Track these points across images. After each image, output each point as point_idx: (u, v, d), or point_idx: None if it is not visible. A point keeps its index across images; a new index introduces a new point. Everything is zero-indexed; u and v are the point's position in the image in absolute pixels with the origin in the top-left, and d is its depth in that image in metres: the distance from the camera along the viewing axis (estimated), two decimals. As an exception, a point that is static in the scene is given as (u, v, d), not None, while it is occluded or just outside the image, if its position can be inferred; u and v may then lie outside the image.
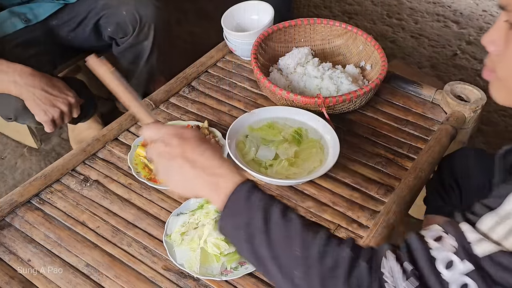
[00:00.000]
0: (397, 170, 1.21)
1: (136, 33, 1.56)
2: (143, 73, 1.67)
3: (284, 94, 1.24)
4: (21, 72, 1.28)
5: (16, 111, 1.40)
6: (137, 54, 1.63)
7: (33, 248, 1.03)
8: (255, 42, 1.39)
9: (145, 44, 1.59)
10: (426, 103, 1.39)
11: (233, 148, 1.17)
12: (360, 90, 1.25)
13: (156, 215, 1.10)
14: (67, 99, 1.35)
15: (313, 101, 1.23)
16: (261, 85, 1.32)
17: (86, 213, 1.10)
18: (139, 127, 1.31)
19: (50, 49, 1.56)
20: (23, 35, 1.48)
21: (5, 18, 1.45)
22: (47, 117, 1.34)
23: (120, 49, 1.62)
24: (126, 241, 1.05)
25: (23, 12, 1.49)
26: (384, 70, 1.32)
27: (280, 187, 1.16)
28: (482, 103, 1.32)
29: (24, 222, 1.08)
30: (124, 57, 1.65)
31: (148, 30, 1.56)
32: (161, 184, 1.14)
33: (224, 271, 0.97)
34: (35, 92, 1.30)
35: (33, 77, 1.29)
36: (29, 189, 1.13)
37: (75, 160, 1.20)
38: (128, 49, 1.61)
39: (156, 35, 1.58)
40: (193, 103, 1.39)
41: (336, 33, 1.49)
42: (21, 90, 1.29)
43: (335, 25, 1.47)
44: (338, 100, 1.23)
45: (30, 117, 1.40)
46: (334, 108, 1.27)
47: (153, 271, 1.00)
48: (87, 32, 1.60)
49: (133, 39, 1.57)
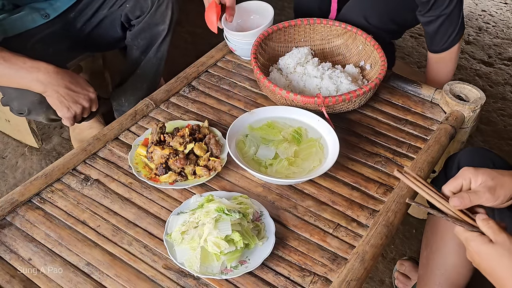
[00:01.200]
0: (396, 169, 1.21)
1: (154, 9, 1.53)
2: (151, 61, 1.64)
3: (284, 93, 1.24)
4: (45, 71, 1.28)
5: (31, 104, 1.40)
6: (151, 39, 1.60)
7: (34, 247, 1.03)
8: (255, 42, 1.39)
9: (161, 29, 1.57)
10: (426, 103, 1.39)
11: (233, 148, 1.18)
12: (360, 90, 1.25)
13: (157, 214, 1.10)
14: (88, 95, 1.36)
15: (313, 101, 1.23)
16: (261, 85, 1.32)
17: (86, 212, 1.10)
18: (139, 127, 1.31)
19: (65, 45, 1.56)
20: (43, 31, 1.48)
21: (26, 14, 1.46)
22: (70, 113, 1.35)
23: (134, 34, 1.59)
24: (126, 240, 1.05)
25: (42, 7, 1.50)
26: (383, 69, 1.32)
27: (280, 186, 1.16)
28: (481, 102, 1.32)
29: (24, 221, 1.08)
30: (136, 44, 1.62)
31: (166, 9, 1.54)
32: (162, 184, 1.14)
33: (224, 270, 0.97)
34: (59, 90, 1.31)
35: (57, 75, 1.29)
36: (30, 188, 1.13)
37: (75, 159, 1.20)
38: (142, 32, 1.58)
39: (172, 17, 1.56)
40: (193, 102, 1.39)
41: (335, 33, 1.49)
42: (45, 88, 1.30)
43: (334, 25, 1.47)
44: (337, 99, 1.23)
45: (44, 111, 1.41)
46: (333, 107, 1.27)
47: (154, 270, 1.00)
48: (101, 19, 1.59)
49: (150, 18, 1.55)
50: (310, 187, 1.16)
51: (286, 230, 1.07)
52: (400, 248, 1.64)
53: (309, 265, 1.01)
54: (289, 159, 1.17)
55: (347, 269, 0.99)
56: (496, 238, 0.81)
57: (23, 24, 1.45)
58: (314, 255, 1.03)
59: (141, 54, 1.63)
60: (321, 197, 1.14)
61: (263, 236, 1.03)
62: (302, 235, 1.07)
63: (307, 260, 1.02)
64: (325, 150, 1.20)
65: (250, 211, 1.04)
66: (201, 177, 1.16)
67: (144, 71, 1.66)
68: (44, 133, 1.98)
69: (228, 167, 1.19)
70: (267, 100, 1.39)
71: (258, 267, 0.99)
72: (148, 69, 1.66)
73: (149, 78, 1.68)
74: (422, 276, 1.28)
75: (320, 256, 1.02)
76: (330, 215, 1.10)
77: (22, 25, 1.44)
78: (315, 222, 1.09)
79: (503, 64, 2.43)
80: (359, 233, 1.07)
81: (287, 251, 1.03)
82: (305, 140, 1.22)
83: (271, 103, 1.36)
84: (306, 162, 1.18)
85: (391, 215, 1.08)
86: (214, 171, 1.17)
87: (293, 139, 1.22)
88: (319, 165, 1.16)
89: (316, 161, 1.17)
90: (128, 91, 1.70)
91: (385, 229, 1.06)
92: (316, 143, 1.21)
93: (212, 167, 1.17)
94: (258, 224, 1.04)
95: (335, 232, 1.07)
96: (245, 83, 1.45)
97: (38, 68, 1.28)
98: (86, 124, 1.78)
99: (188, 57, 2.30)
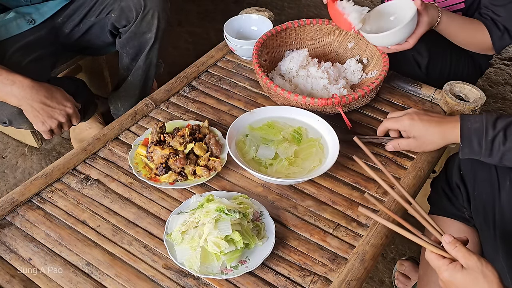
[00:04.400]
0: (396, 169, 1.21)
1: (140, 19, 1.53)
2: (141, 69, 1.65)
3: (300, 99, 1.23)
4: (20, 85, 1.28)
5: (11, 116, 1.40)
6: (139, 47, 1.60)
7: (34, 247, 1.03)
8: (254, 51, 1.36)
9: (148, 37, 1.57)
10: (426, 103, 1.39)
11: (233, 148, 1.18)
12: (372, 84, 1.25)
13: (157, 214, 1.10)
14: (65, 110, 1.36)
15: (330, 102, 1.22)
16: (272, 92, 1.30)
17: (86, 212, 1.10)
18: (139, 127, 1.31)
19: (52, 50, 1.55)
20: (27, 37, 1.47)
21: (11, 19, 1.45)
22: (45, 127, 1.35)
23: (122, 42, 1.60)
24: (126, 240, 1.05)
25: (28, 12, 1.49)
26: (386, 60, 1.32)
27: (280, 186, 1.16)
28: (481, 102, 1.32)
29: (25, 221, 1.08)
30: (125, 52, 1.62)
31: (152, 18, 1.54)
32: (162, 184, 1.14)
33: (224, 270, 0.97)
34: (33, 105, 1.31)
35: (31, 90, 1.29)
36: (30, 188, 1.13)
37: (75, 159, 1.20)
38: (130, 41, 1.58)
39: (159, 26, 1.56)
40: (193, 102, 1.39)
41: (325, 31, 1.49)
42: (19, 102, 1.30)
43: (324, 23, 1.47)
44: (354, 97, 1.23)
45: (25, 122, 1.40)
46: (349, 105, 1.27)
47: (154, 269, 1.00)
48: (91, 26, 1.59)
49: (136, 27, 1.55)
50: (310, 187, 1.16)
51: (286, 230, 1.07)
52: (400, 248, 1.64)
53: (309, 265, 1.01)
54: (289, 159, 1.17)
55: (347, 269, 0.99)
56: (467, 263, 0.80)
57: (7, 30, 1.44)
58: (314, 255, 1.03)
59: (131, 61, 1.64)
60: (321, 197, 1.14)
61: (263, 236, 1.03)
62: (302, 235, 1.06)
63: (307, 260, 1.02)
64: (325, 150, 1.20)
65: (250, 211, 1.04)
66: (201, 177, 1.16)
67: (135, 78, 1.67)
68: (44, 133, 1.98)
69: (228, 167, 1.19)
70: (267, 100, 1.39)
71: (258, 267, 0.99)
72: (138, 76, 1.67)
73: (140, 85, 1.69)
74: (422, 276, 1.28)
75: (320, 256, 1.02)
76: (330, 215, 1.10)
77: (6, 32, 1.44)
78: (315, 222, 1.09)
79: (503, 64, 2.43)
80: (359, 233, 1.07)
81: (287, 251, 1.03)
82: (305, 140, 1.22)
83: (271, 103, 1.36)
84: (306, 162, 1.18)
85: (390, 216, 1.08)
86: (214, 171, 1.17)
87: (293, 139, 1.22)
88: (319, 165, 1.16)
89: (316, 161, 1.17)
90: (122, 97, 1.71)
91: (385, 229, 1.06)
92: (316, 143, 1.21)
93: (212, 167, 1.17)
94: (258, 224, 1.04)
95: (335, 232, 1.07)
96: (245, 83, 1.45)
97: (13, 81, 1.28)
98: (85, 124, 1.78)
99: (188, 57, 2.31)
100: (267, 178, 1.12)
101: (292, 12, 2.76)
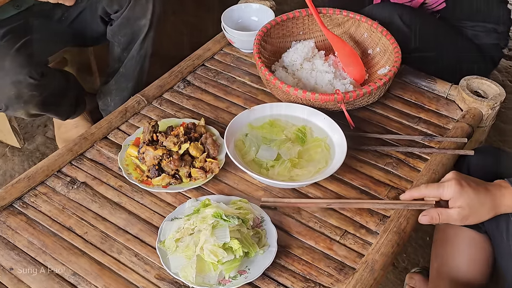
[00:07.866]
0: (408, 171, 1.21)
1: (133, 2, 1.53)
2: (135, 59, 1.64)
3: (300, 94, 1.23)
4: None
5: (8, 100, 1.40)
6: (132, 35, 1.60)
7: (16, 256, 1.03)
8: (256, 41, 1.36)
9: (142, 23, 1.57)
10: (440, 99, 1.39)
11: (232, 148, 1.18)
12: (379, 81, 1.24)
13: (149, 220, 1.10)
14: None
15: (333, 98, 1.22)
16: (271, 86, 1.30)
17: (73, 218, 1.10)
18: (129, 125, 1.31)
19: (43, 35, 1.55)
20: (14, 21, 1.49)
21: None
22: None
23: (114, 29, 1.59)
24: (116, 248, 1.05)
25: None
26: (398, 56, 1.31)
27: (282, 190, 1.16)
28: (501, 99, 1.32)
29: (5, 227, 1.08)
30: (117, 41, 1.62)
31: (146, 2, 1.53)
32: (154, 187, 1.14)
33: (222, 281, 0.97)
34: None
35: None
36: (11, 192, 1.13)
37: (61, 160, 1.20)
38: (123, 28, 1.58)
39: (154, 11, 1.55)
40: (188, 99, 1.39)
41: (336, 22, 1.48)
42: None
43: (335, 13, 1.46)
44: (358, 94, 1.22)
45: (22, 107, 1.41)
46: (354, 103, 1.27)
47: (146, 280, 1.00)
48: (81, 11, 1.59)
49: (129, 12, 1.54)
50: (315, 191, 1.16)
51: (289, 237, 1.07)
52: (413, 257, 1.64)
53: (314, 275, 1.01)
54: (292, 160, 1.17)
55: (355, 279, 0.99)
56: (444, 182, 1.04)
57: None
58: (320, 264, 1.03)
59: (123, 51, 1.63)
60: (327, 201, 1.14)
61: (264, 243, 1.03)
62: (306, 243, 1.07)
63: (312, 269, 1.02)
64: (332, 150, 1.20)
65: (250, 216, 1.05)
66: (197, 180, 1.16)
67: (128, 70, 1.66)
68: (26, 132, 1.98)
69: (226, 169, 1.19)
70: (268, 96, 1.39)
71: (259, 278, 0.99)
72: (131, 68, 1.66)
73: (133, 78, 1.68)
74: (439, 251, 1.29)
75: (326, 266, 1.03)
76: (337, 221, 1.10)
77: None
78: (321, 229, 1.09)
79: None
80: (368, 240, 1.07)
81: (290, 260, 1.03)
82: (309, 139, 1.22)
83: (273, 100, 1.36)
84: (311, 163, 1.18)
85: (403, 221, 1.08)
86: (211, 173, 1.17)
87: (296, 138, 1.22)
88: (325, 167, 1.16)
89: (322, 162, 1.18)
90: (113, 91, 1.71)
91: (397, 237, 1.06)
92: (322, 143, 1.21)
93: (209, 169, 1.17)
94: (259, 230, 1.04)
95: (342, 239, 1.07)
96: (244, 78, 1.46)
97: None
98: (72, 122, 1.78)
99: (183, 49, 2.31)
100: (269, 181, 1.12)
101: (293, 3, 2.75)
